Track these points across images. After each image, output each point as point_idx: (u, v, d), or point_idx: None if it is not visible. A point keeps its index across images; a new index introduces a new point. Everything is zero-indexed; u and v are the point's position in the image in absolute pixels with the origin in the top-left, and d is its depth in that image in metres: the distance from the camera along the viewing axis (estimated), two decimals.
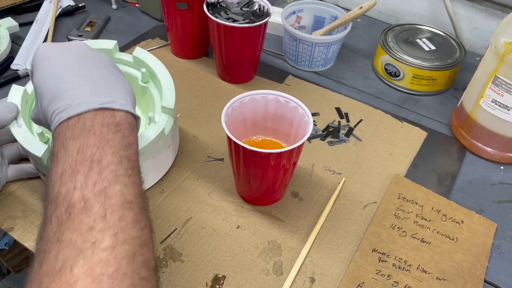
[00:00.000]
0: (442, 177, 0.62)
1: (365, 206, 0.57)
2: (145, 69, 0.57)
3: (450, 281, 0.49)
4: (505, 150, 0.63)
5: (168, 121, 0.53)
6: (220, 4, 0.69)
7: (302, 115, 0.51)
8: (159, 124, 0.52)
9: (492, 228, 0.55)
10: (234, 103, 0.51)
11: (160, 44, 0.80)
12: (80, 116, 0.34)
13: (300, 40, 0.73)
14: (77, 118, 0.34)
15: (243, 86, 0.74)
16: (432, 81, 0.73)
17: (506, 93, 0.57)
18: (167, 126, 0.52)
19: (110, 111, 0.35)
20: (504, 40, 0.56)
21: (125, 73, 0.56)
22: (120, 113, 0.36)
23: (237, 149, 0.48)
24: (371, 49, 0.83)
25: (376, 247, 0.52)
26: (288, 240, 0.53)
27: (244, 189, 0.55)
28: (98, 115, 0.34)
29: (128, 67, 0.59)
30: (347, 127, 0.67)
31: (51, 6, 0.85)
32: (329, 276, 0.50)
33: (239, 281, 0.49)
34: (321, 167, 0.61)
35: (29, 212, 0.53)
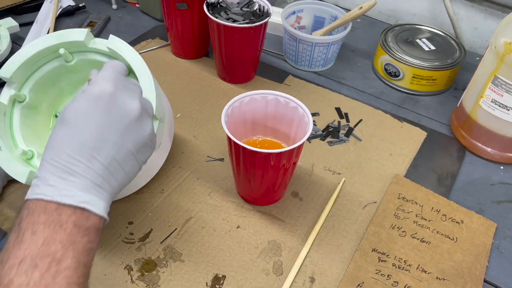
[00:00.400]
0: (442, 177, 0.62)
1: (365, 206, 0.57)
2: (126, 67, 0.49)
3: (450, 281, 0.49)
4: (505, 150, 0.63)
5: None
6: (220, 4, 0.69)
7: (302, 115, 0.51)
8: None
9: (492, 228, 0.55)
10: (234, 103, 0.51)
11: (160, 44, 0.81)
12: (60, 206, 0.34)
13: (300, 40, 0.73)
14: (57, 206, 0.34)
15: (243, 86, 0.74)
16: (432, 81, 0.73)
17: (506, 93, 0.57)
18: None
19: (87, 213, 0.35)
20: (504, 40, 0.56)
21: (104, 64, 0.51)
22: (95, 218, 0.35)
23: (237, 149, 0.48)
24: (371, 49, 0.84)
25: (376, 247, 0.52)
26: (288, 240, 0.53)
27: (244, 189, 0.55)
28: (76, 213, 0.34)
29: (106, 58, 0.52)
30: (347, 127, 0.67)
31: (52, 6, 0.85)
32: (329, 276, 0.50)
33: (239, 281, 0.49)
34: (321, 167, 0.61)
35: None
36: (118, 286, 0.47)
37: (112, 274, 0.48)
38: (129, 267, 0.49)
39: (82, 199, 0.35)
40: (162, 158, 0.56)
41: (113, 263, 0.49)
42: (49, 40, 0.49)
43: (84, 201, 0.35)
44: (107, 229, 0.52)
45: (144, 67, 0.48)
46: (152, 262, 0.50)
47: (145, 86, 0.47)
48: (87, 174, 0.35)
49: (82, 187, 0.35)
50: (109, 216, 0.37)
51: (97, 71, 0.43)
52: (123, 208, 0.54)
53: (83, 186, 0.35)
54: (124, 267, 0.49)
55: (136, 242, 0.51)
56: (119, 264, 0.49)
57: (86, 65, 0.52)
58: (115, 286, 0.47)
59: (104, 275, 0.48)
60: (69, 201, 0.34)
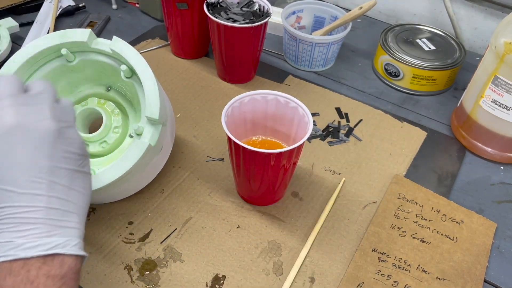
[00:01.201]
0: (442, 177, 0.62)
1: (365, 206, 0.57)
2: (125, 65, 0.50)
3: (450, 281, 0.49)
4: (505, 150, 0.63)
5: (154, 132, 0.47)
6: (220, 4, 0.69)
7: (302, 115, 0.51)
8: (144, 142, 0.47)
9: (492, 228, 0.55)
10: (234, 103, 0.51)
11: (160, 44, 0.81)
12: (26, 261, 0.30)
13: (300, 40, 0.73)
14: (23, 263, 0.30)
15: (243, 86, 0.74)
16: (432, 81, 0.73)
17: (506, 93, 0.57)
18: (153, 138, 0.47)
19: (60, 258, 0.31)
20: (504, 40, 0.56)
21: (106, 64, 0.52)
22: (70, 259, 0.32)
23: (237, 149, 0.48)
24: (371, 49, 0.83)
25: (376, 247, 0.52)
26: (288, 240, 0.53)
27: (244, 189, 0.55)
28: (47, 263, 0.30)
29: (109, 58, 0.52)
30: (347, 127, 0.67)
31: (51, 6, 0.85)
32: (329, 276, 0.50)
33: (239, 281, 0.49)
34: (321, 167, 0.61)
35: None
36: (118, 286, 0.47)
37: (112, 274, 0.48)
38: (129, 267, 0.49)
39: (48, 245, 0.31)
40: (163, 160, 0.56)
41: (113, 263, 0.49)
42: (51, 39, 0.49)
43: (51, 247, 0.31)
44: (107, 229, 0.52)
45: (147, 70, 0.47)
46: (152, 262, 0.49)
47: (148, 90, 0.47)
48: (40, 214, 0.31)
49: (41, 232, 0.31)
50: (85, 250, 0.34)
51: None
52: (123, 208, 0.54)
53: (42, 230, 0.31)
54: (124, 267, 0.49)
55: (136, 242, 0.51)
56: (119, 264, 0.49)
57: (88, 65, 0.52)
58: (115, 286, 0.47)
59: (104, 275, 0.48)
60: (34, 253, 0.30)
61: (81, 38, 0.49)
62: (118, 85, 0.55)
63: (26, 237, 0.30)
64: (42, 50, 0.49)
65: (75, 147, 0.34)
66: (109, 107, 0.53)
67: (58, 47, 0.49)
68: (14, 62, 0.48)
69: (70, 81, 0.54)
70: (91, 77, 0.54)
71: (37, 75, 0.51)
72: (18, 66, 0.48)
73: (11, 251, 0.30)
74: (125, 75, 0.51)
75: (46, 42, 0.49)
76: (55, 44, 0.49)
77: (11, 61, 0.48)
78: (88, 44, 0.50)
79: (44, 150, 0.32)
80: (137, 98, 0.51)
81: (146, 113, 0.47)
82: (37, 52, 0.49)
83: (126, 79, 0.51)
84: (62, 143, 0.33)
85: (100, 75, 0.54)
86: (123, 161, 0.46)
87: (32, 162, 0.32)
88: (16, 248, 0.30)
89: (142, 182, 0.55)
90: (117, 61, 0.51)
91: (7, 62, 0.48)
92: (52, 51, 0.50)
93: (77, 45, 0.50)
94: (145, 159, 0.48)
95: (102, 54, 0.52)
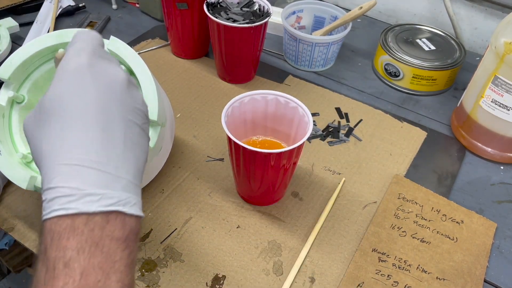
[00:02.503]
0: (442, 177, 0.62)
1: (365, 206, 0.57)
2: (123, 66, 0.48)
3: (450, 281, 0.49)
4: (505, 150, 0.63)
5: (153, 134, 0.46)
6: (220, 4, 0.69)
7: (302, 115, 0.51)
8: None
9: (492, 228, 0.55)
10: (234, 103, 0.51)
11: (160, 44, 0.81)
12: (89, 218, 0.27)
13: (300, 40, 0.73)
14: (85, 219, 0.27)
15: (243, 86, 0.74)
16: (432, 81, 0.73)
17: (506, 93, 0.57)
18: (152, 140, 0.46)
19: (121, 217, 0.29)
20: (504, 40, 0.56)
21: None
22: (131, 220, 0.29)
23: (237, 149, 0.48)
24: (371, 49, 0.83)
25: (376, 247, 0.52)
26: (288, 240, 0.53)
27: (244, 189, 0.55)
28: (110, 222, 0.28)
29: None
30: (347, 127, 0.67)
31: (51, 6, 0.85)
32: (329, 276, 0.50)
33: (239, 281, 0.49)
34: (321, 167, 0.61)
35: (29, 212, 0.53)
36: None
37: None
38: None
39: (110, 200, 0.28)
40: (162, 160, 0.56)
41: None
42: (48, 40, 0.48)
43: (114, 202, 0.28)
44: None
45: (146, 71, 0.46)
46: (152, 262, 0.49)
47: (147, 90, 0.46)
48: (103, 159, 0.29)
49: (103, 180, 0.28)
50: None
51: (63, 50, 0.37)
52: None
53: (103, 178, 0.28)
54: None
55: None
56: None
57: None
58: None
59: None
60: (97, 208, 0.27)
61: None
62: None
63: (84, 184, 0.28)
64: (39, 50, 0.48)
65: (140, 103, 0.33)
66: None
67: (55, 47, 0.48)
68: (11, 63, 0.47)
69: None
70: None
71: (34, 76, 0.50)
72: (15, 67, 0.47)
73: (71, 203, 0.27)
74: None
75: (43, 43, 0.48)
76: (52, 44, 0.48)
77: (8, 63, 0.47)
78: None
79: (117, 95, 0.31)
80: None
81: None
82: (33, 52, 0.48)
83: None
84: (129, 95, 0.32)
85: None
86: None
87: (105, 108, 0.30)
88: (78, 201, 0.27)
89: (142, 182, 0.55)
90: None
91: (3, 64, 0.47)
92: (49, 51, 0.49)
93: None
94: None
95: None
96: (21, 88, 0.49)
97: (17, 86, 0.49)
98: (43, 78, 0.50)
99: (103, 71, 0.32)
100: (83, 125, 0.29)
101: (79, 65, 0.31)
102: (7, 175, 0.44)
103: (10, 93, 0.48)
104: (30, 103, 0.50)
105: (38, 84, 0.50)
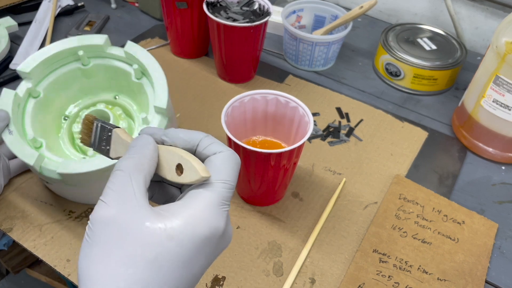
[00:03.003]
0: (443, 177, 0.62)
1: (366, 207, 0.57)
2: (137, 65, 0.54)
3: (451, 282, 0.49)
4: (506, 150, 0.62)
5: (161, 121, 0.50)
6: (220, 3, 0.69)
7: (302, 115, 0.51)
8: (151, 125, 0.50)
9: (493, 229, 0.55)
10: (234, 103, 0.51)
11: (159, 44, 0.80)
12: None
13: (300, 39, 0.73)
14: None
15: (243, 86, 0.73)
16: (433, 81, 0.73)
17: (507, 93, 0.57)
18: (160, 126, 0.50)
19: None
20: (505, 40, 0.55)
21: (118, 69, 0.56)
22: None
23: (237, 149, 0.48)
24: (372, 49, 0.83)
25: (377, 248, 0.52)
26: (288, 241, 0.52)
27: (244, 190, 0.55)
28: None
29: (121, 62, 0.56)
30: (348, 127, 0.67)
31: (50, 5, 0.85)
32: (330, 277, 0.49)
33: (239, 281, 0.48)
34: (322, 168, 0.61)
35: (28, 213, 0.53)
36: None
37: None
38: None
39: None
40: None
41: None
42: (70, 42, 0.53)
43: None
44: None
45: (158, 67, 0.52)
46: None
47: (158, 82, 0.51)
48: None
49: None
50: None
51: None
52: None
53: None
54: None
55: None
56: None
57: (101, 70, 0.57)
58: None
59: None
60: None
61: (98, 41, 0.54)
62: (126, 90, 0.58)
63: None
64: (61, 50, 0.53)
65: (228, 242, 0.29)
66: (117, 111, 0.57)
67: (75, 49, 0.54)
68: (34, 60, 0.52)
69: (81, 87, 0.58)
70: (102, 84, 0.58)
71: (52, 76, 0.54)
72: (37, 63, 0.52)
73: None
74: (135, 76, 0.54)
75: (65, 44, 0.53)
76: (73, 46, 0.53)
77: (30, 59, 0.52)
78: (104, 48, 0.54)
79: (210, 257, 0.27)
80: (146, 98, 0.54)
81: (155, 103, 0.50)
82: (55, 52, 0.53)
83: (137, 80, 0.54)
84: (221, 242, 0.28)
85: (110, 82, 0.58)
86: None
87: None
88: None
89: None
90: (129, 64, 0.55)
91: (27, 59, 0.52)
92: (70, 53, 0.54)
93: (94, 49, 0.54)
94: None
95: (115, 59, 0.56)
96: (38, 85, 0.54)
97: (36, 82, 0.53)
98: (60, 79, 0.55)
99: (222, 239, 0.28)
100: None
101: (211, 233, 0.26)
102: (16, 152, 0.47)
103: (28, 85, 0.52)
104: (44, 100, 0.54)
105: (55, 84, 0.55)
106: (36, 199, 0.54)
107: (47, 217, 0.53)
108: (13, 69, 0.73)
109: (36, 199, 0.54)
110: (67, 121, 0.57)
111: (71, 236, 0.51)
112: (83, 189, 0.51)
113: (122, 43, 0.80)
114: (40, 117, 0.53)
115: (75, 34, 0.80)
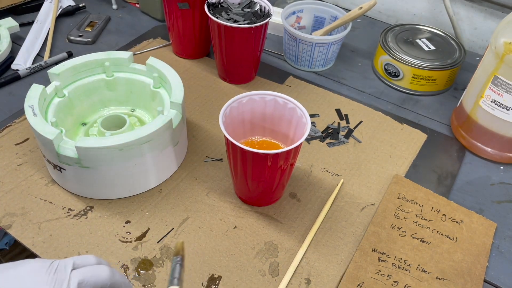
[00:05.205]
0: (442, 177, 0.61)
1: (363, 208, 0.57)
2: (157, 73, 0.59)
3: (450, 281, 0.49)
4: (504, 150, 0.62)
5: (176, 115, 0.55)
6: (221, 4, 0.69)
7: (300, 116, 0.51)
8: (167, 116, 0.53)
9: (491, 228, 0.55)
10: (232, 103, 0.51)
11: (161, 44, 0.81)
12: None
13: (300, 40, 0.73)
14: None
15: (244, 87, 0.74)
16: (431, 81, 0.73)
17: (505, 93, 0.57)
18: (175, 120, 0.54)
19: None
20: (504, 40, 0.55)
21: (138, 82, 0.61)
22: None
23: (234, 149, 0.48)
24: (371, 49, 0.83)
25: (376, 247, 0.52)
26: (285, 241, 0.52)
27: (241, 190, 0.55)
28: None
29: (141, 76, 0.62)
30: (347, 128, 0.67)
31: (52, 6, 0.85)
32: (325, 277, 0.49)
33: (235, 281, 0.48)
34: (320, 169, 0.61)
35: (27, 210, 0.53)
36: None
37: None
38: (125, 266, 0.49)
39: None
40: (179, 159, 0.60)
41: (109, 262, 0.49)
42: (98, 55, 0.60)
43: None
44: (104, 228, 0.52)
45: (174, 74, 0.58)
46: (148, 261, 0.49)
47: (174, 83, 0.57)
48: None
49: None
50: None
51: None
52: (121, 207, 0.54)
53: None
54: (120, 266, 0.49)
55: (133, 241, 0.51)
56: (116, 263, 0.49)
57: (121, 83, 0.62)
58: None
59: None
60: None
61: (123, 55, 0.60)
62: (143, 104, 0.63)
63: None
64: (89, 60, 0.59)
65: None
66: (132, 120, 0.62)
67: (102, 61, 0.60)
68: (64, 65, 0.58)
69: (101, 99, 0.63)
70: (121, 97, 0.63)
71: (78, 83, 0.60)
72: (66, 68, 0.58)
73: None
74: (154, 85, 0.60)
75: (94, 56, 0.60)
76: (101, 58, 0.60)
77: (61, 64, 0.58)
78: (127, 63, 0.61)
79: None
80: (162, 103, 0.58)
81: (171, 99, 0.55)
82: (84, 61, 0.59)
83: (155, 89, 0.60)
84: None
85: (129, 95, 0.63)
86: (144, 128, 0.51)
87: None
88: None
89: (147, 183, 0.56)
90: (148, 76, 0.61)
91: (58, 65, 0.58)
92: (97, 64, 0.60)
93: (118, 62, 0.60)
94: (161, 138, 0.52)
95: (136, 73, 0.62)
96: (65, 88, 0.59)
97: (63, 85, 0.58)
98: (85, 87, 0.60)
99: None
100: None
101: None
102: (39, 130, 0.50)
103: (57, 83, 0.57)
104: (68, 101, 0.59)
105: (79, 91, 0.60)
106: (35, 197, 0.55)
107: (46, 215, 0.53)
108: (15, 69, 0.74)
109: (36, 197, 0.55)
110: (84, 126, 0.61)
111: (70, 234, 0.51)
112: (96, 173, 0.51)
113: (123, 44, 0.80)
114: (62, 116, 0.57)
115: (76, 35, 0.81)
